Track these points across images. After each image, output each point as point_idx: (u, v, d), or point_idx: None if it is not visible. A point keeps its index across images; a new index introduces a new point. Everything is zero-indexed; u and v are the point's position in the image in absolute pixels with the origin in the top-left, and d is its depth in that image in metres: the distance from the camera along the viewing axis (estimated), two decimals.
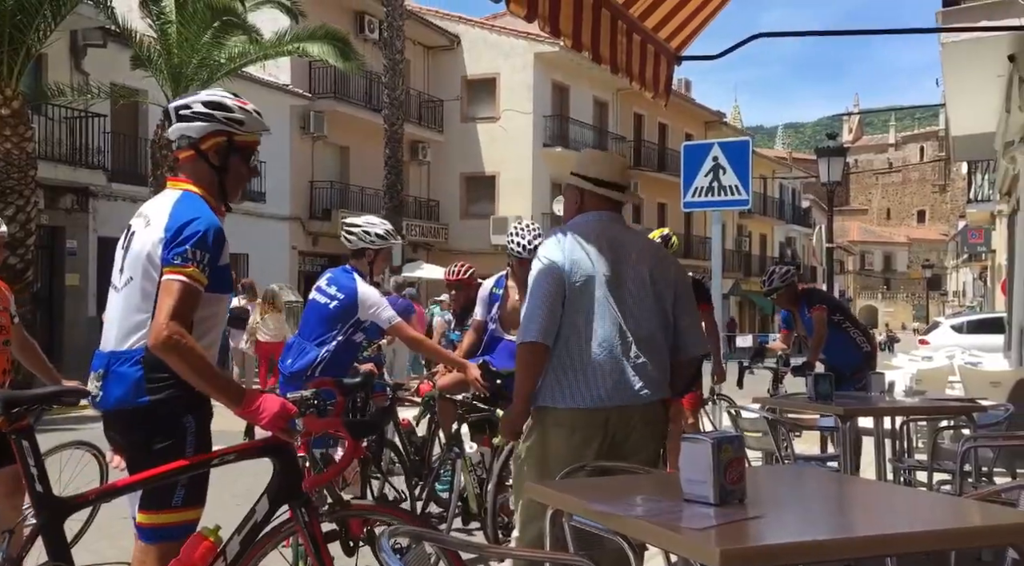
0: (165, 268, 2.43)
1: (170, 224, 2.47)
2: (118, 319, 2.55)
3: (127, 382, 2.47)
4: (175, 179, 2.67)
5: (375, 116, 21.93)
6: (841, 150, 14.82)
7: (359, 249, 4.42)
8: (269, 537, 2.73)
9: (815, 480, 2.70)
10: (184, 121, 2.59)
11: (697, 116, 36.67)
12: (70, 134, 16.20)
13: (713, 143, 7.70)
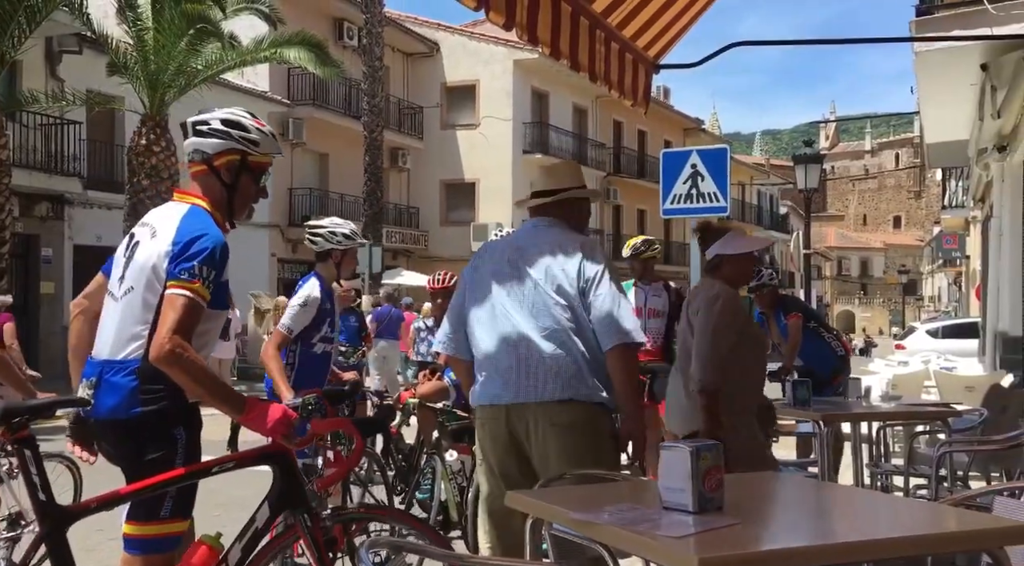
0: (170, 282, 2.43)
1: (178, 238, 2.48)
2: (115, 328, 2.54)
3: (121, 392, 2.47)
4: (183, 192, 2.68)
5: (355, 123, 21.88)
6: (818, 157, 14.98)
7: (325, 251, 4.32)
8: (272, 545, 2.73)
9: (793, 487, 2.71)
10: (200, 136, 2.61)
11: (676, 123, 36.89)
12: (45, 141, 16.02)
13: (691, 151, 7.74)
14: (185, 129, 2.65)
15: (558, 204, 3.20)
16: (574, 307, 2.95)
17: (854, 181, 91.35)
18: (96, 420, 2.55)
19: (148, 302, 2.49)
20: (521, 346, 2.95)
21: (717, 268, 3.67)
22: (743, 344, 3.53)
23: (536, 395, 2.93)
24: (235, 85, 20.13)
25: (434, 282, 5.76)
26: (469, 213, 27.48)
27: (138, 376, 2.47)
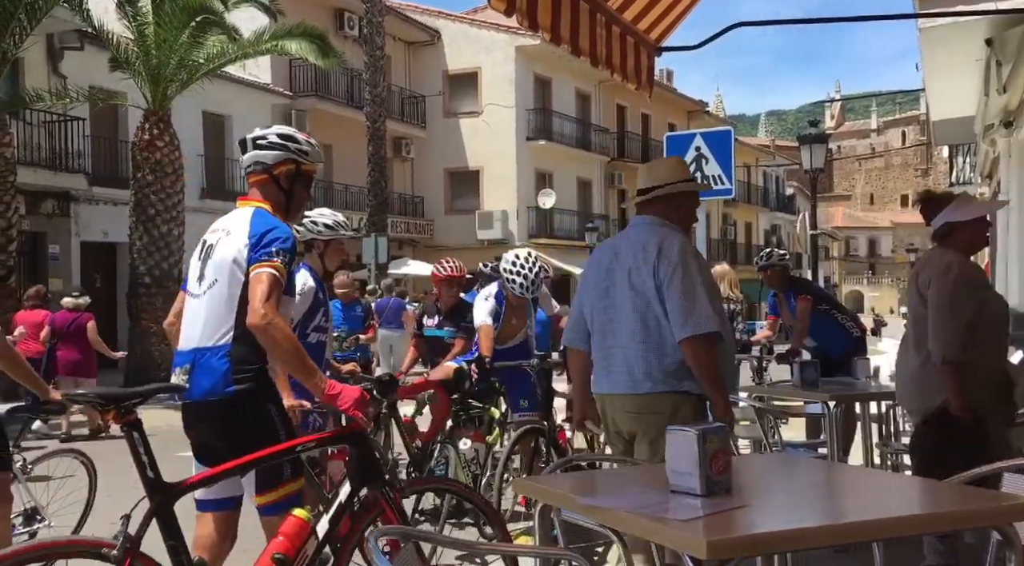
0: (252, 266, 2.73)
1: (252, 232, 2.80)
2: (203, 319, 2.81)
3: (215, 374, 2.74)
4: (245, 198, 3.01)
5: (357, 113, 21.84)
6: (823, 137, 14.87)
7: (307, 241, 4.30)
8: (360, 518, 2.93)
9: (801, 468, 2.72)
10: (260, 149, 2.97)
11: (680, 106, 36.72)
12: (49, 138, 16.04)
13: (695, 133, 7.69)
14: (245, 145, 2.99)
15: (656, 201, 3.32)
16: (652, 304, 3.13)
17: (860, 160, 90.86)
18: (192, 402, 2.80)
19: (232, 293, 2.77)
20: (614, 341, 3.21)
21: (947, 236, 3.65)
22: (982, 312, 3.48)
23: (623, 387, 3.17)
24: (237, 78, 20.12)
25: (451, 270, 5.69)
26: (474, 201, 27.46)
27: (230, 359, 2.74)
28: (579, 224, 28.89)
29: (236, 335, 2.75)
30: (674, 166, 3.51)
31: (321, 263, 4.29)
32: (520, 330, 5.40)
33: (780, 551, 2.24)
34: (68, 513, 4.54)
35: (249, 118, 21.21)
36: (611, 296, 3.24)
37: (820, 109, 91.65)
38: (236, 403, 2.74)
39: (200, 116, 19.43)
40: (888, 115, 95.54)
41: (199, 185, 19.37)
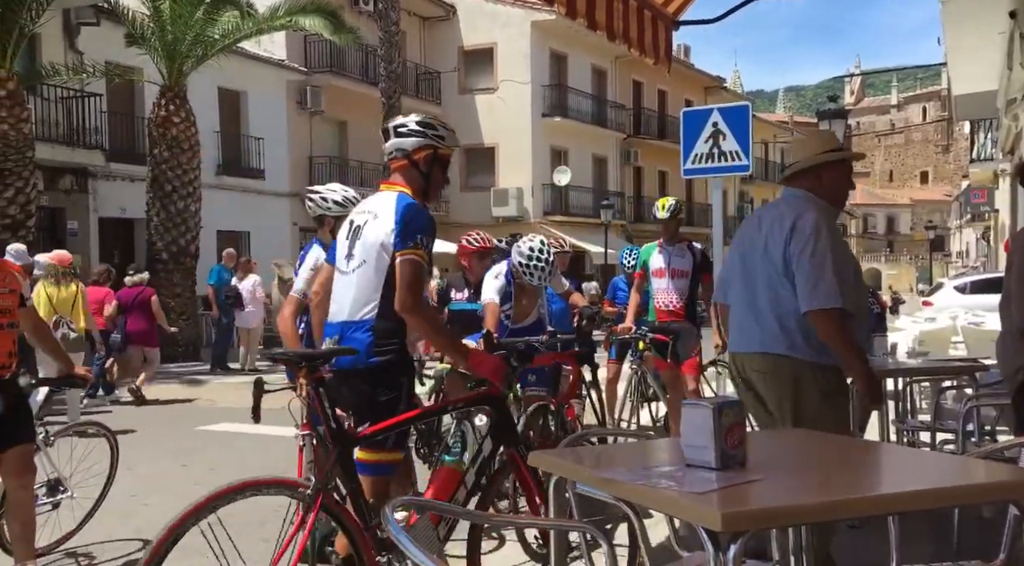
0: (398, 252, 2.98)
1: (398, 218, 3.02)
2: (351, 295, 3.09)
3: (360, 346, 3.02)
4: (388, 183, 3.23)
5: (372, 90, 21.77)
6: (842, 112, 14.70)
7: (318, 216, 4.28)
8: (500, 473, 3.35)
9: (817, 443, 2.71)
10: (400, 137, 3.19)
11: (697, 82, 36.37)
12: (67, 114, 16.11)
13: (712, 109, 7.61)
14: (387, 133, 3.23)
15: (802, 174, 3.39)
16: (781, 274, 3.23)
17: (880, 136, 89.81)
18: (339, 370, 3.06)
19: (378, 273, 3.03)
20: (745, 305, 3.38)
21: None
22: None
23: (746, 346, 3.36)
24: (252, 54, 20.09)
25: (473, 243, 5.69)
26: (489, 178, 27.39)
27: (373, 332, 3.01)
28: (594, 201, 28.79)
29: (380, 312, 3.02)
30: (820, 139, 3.56)
31: (332, 239, 4.29)
32: (532, 310, 5.41)
33: (795, 524, 2.24)
34: (90, 485, 4.61)
35: (264, 94, 21.24)
36: (748, 262, 3.37)
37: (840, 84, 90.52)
38: (377, 373, 3.02)
39: (216, 92, 19.43)
40: (909, 90, 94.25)
41: (215, 162, 19.42)
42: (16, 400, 3.77)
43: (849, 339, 3.14)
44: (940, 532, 3.82)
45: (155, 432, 8.39)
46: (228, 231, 19.20)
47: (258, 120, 21.05)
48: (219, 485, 2.86)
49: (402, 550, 1.64)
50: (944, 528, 3.80)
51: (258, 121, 21.06)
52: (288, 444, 4.60)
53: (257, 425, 4.49)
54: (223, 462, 6.87)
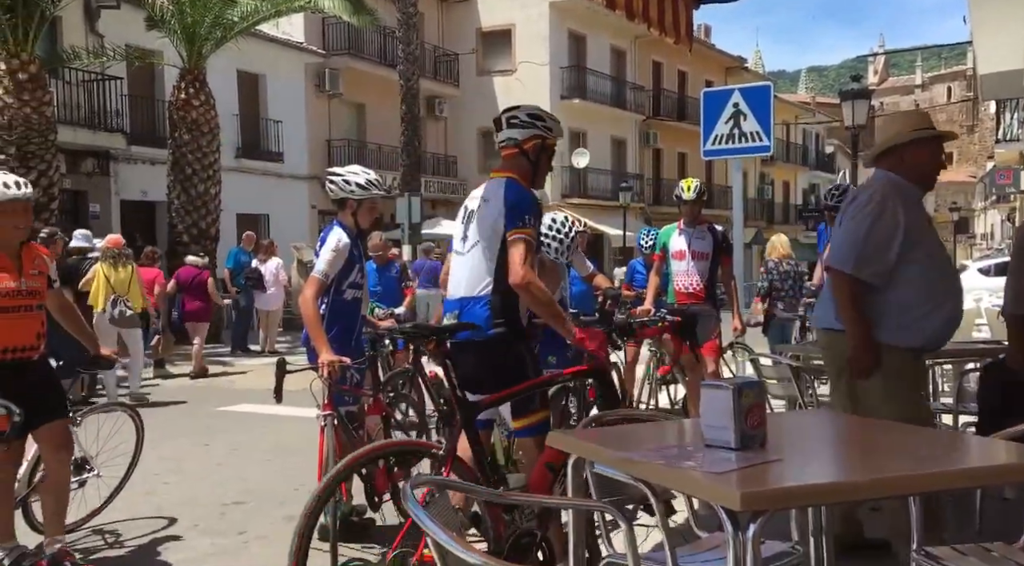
0: (510, 232, 3.23)
1: (508, 202, 3.29)
2: (468, 273, 3.37)
3: (478, 319, 3.28)
4: (498, 171, 3.47)
5: (390, 72, 21.74)
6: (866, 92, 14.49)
7: (340, 200, 4.26)
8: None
9: (837, 424, 2.70)
10: (512, 127, 3.43)
11: (717, 62, 36.00)
12: (88, 97, 16.21)
13: (733, 89, 7.55)
14: (499, 123, 3.46)
15: (886, 154, 3.47)
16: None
17: None
18: (460, 342, 3.29)
19: (492, 252, 3.30)
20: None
21: None
22: None
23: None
24: (271, 36, 20.09)
25: None
26: None
27: (490, 306, 3.28)
28: (613, 184, 28.65)
29: (495, 287, 3.29)
30: (905, 119, 3.64)
31: (354, 221, 4.27)
32: (554, 291, 5.35)
33: (815, 504, 2.23)
34: (116, 464, 4.67)
35: (283, 77, 21.26)
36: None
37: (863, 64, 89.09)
38: (494, 344, 3.28)
39: (235, 75, 19.48)
40: (933, 70, 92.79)
41: (234, 145, 19.49)
42: (47, 379, 3.85)
43: (849, 304, 3.28)
44: (962, 514, 3.80)
45: (177, 412, 8.49)
46: (247, 214, 19.29)
47: (277, 103, 21.09)
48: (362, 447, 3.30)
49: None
50: (966, 510, 3.78)
51: (277, 104, 21.09)
52: (310, 424, 4.64)
53: (278, 406, 4.55)
54: (244, 442, 6.94)
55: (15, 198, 3.65)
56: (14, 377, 3.65)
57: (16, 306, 3.69)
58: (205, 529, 4.67)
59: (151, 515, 4.87)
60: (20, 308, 3.70)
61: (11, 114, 12.40)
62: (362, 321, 4.42)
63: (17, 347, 3.70)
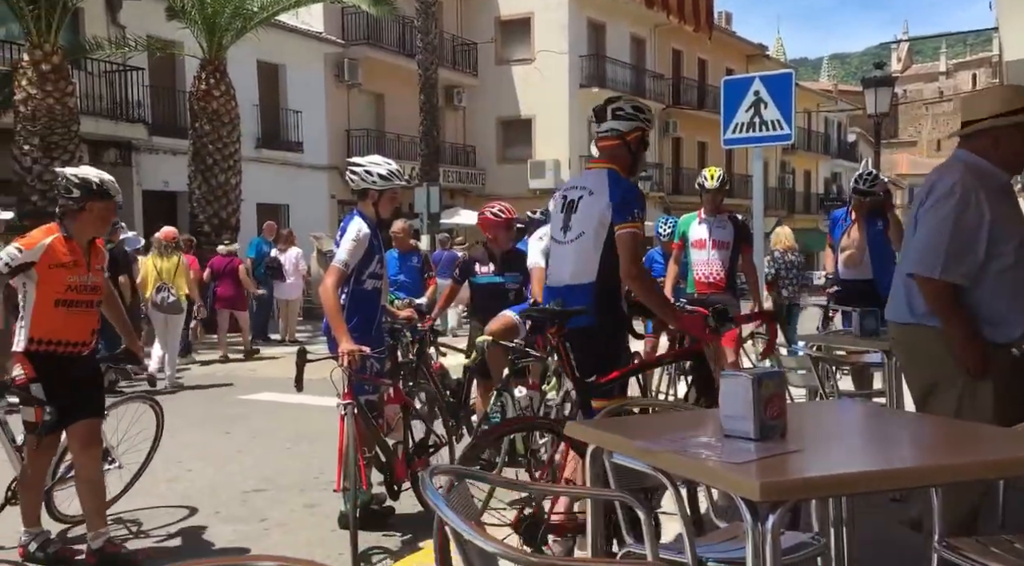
0: (619, 224, 3.35)
1: (613, 195, 3.38)
2: (571, 263, 3.48)
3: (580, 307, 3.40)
4: (597, 161, 3.59)
5: (409, 62, 21.73)
6: (889, 80, 14.34)
7: (362, 190, 4.27)
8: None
9: (858, 414, 2.68)
10: (617, 118, 3.52)
11: (738, 50, 35.68)
12: (110, 88, 16.33)
13: (754, 77, 7.47)
14: (602, 114, 3.54)
15: (977, 135, 3.15)
16: (911, 237, 3.21)
17: (928, 105, 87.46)
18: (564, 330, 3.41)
19: (596, 242, 3.40)
20: (898, 270, 3.36)
21: None
22: None
23: (892, 314, 3.36)
24: (291, 26, 20.12)
25: (500, 215, 5.61)
26: (526, 150, 27.25)
27: (593, 295, 3.39)
28: None
29: (597, 277, 3.40)
30: (1004, 96, 3.18)
31: (375, 211, 4.28)
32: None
33: (835, 495, 2.22)
34: (138, 450, 4.73)
35: (302, 67, 21.30)
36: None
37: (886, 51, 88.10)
38: (596, 331, 3.40)
39: (255, 65, 19.55)
40: (958, 57, 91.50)
41: (254, 135, 19.58)
42: (94, 376, 3.88)
43: (948, 310, 3.00)
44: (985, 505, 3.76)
45: (198, 401, 8.58)
46: (267, 204, 19.39)
47: (296, 93, 21.15)
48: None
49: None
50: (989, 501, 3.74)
51: (296, 94, 21.15)
52: (330, 413, 4.67)
53: (298, 394, 4.58)
54: (265, 430, 7.00)
55: (109, 199, 3.82)
56: (61, 371, 3.68)
57: (79, 301, 3.74)
58: (227, 516, 4.71)
59: (174, 502, 4.93)
60: (82, 303, 3.75)
61: (35, 105, 12.53)
62: (382, 311, 4.44)
63: (72, 341, 3.73)
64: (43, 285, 3.67)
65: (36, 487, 3.88)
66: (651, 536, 2.21)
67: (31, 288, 3.68)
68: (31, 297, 3.68)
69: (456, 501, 2.24)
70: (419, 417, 4.80)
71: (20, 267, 3.63)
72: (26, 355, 3.67)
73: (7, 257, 3.62)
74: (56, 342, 3.69)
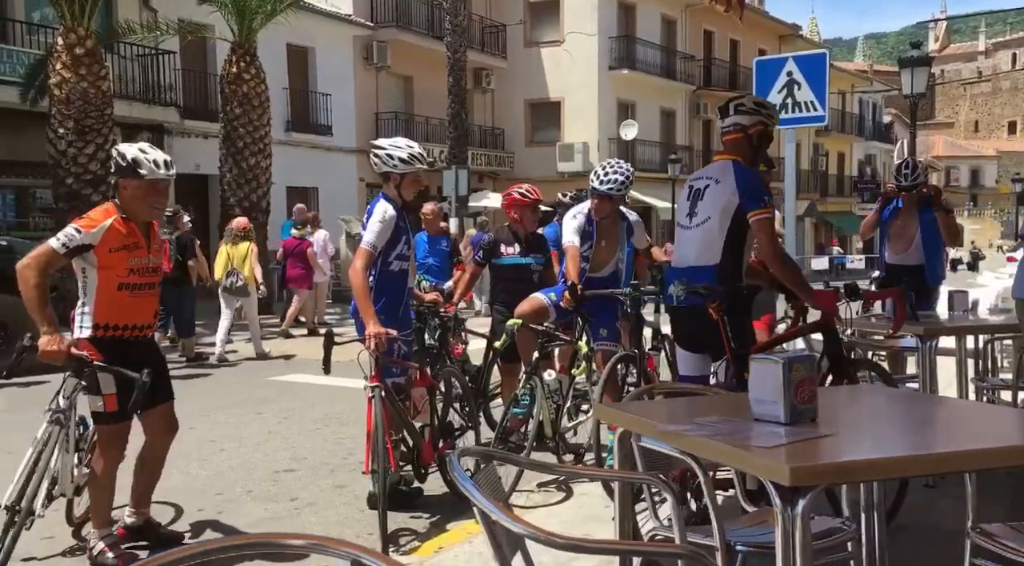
0: (753, 212, 3.52)
1: (742, 184, 3.58)
2: (696, 246, 3.68)
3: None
4: (722, 154, 3.78)
5: (438, 44, 21.68)
6: (926, 59, 14.04)
7: (385, 173, 4.25)
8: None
9: (891, 399, 2.64)
10: (740, 113, 3.70)
11: (771, 30, 35.13)
12: (142, 72, 16.49)
13: (787, 57, 7.36)
14: (726, 110, 3.73)
15: None
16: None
17: (966, 85, 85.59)
18: (683, 307, 3.66)
19: (721, 227, 3.59)
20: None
21: None
22: None
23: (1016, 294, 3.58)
24: (320, 9, 20.15)
25: (528, 195, 5.56)
26: (554, 133, 27.11)
27: (715, 276, 3.57)
28: (661, 156, 28.28)
29: (721, 259, 3.58)
30: None
31: (398, 194, 4.28)
32: (612, 257, 5.22)
33: (866, 480, 2.20)
34: None
35: (331, 50, 21.34)
36: None
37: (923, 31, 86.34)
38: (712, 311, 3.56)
39: (284, 49, 19.61)
40: (997, 36, 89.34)
41: (284, 118, 19.68)
42: (157, 359, 3.74)
43: None
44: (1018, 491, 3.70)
45: (230, 382, 8.69)
46: (297, 187, 19.51)
47: (325, 76, 21.19)
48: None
49: None
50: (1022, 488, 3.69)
51: (325, 77, 21.20)
52: (358, 395, 4.70)
53: (327, 376, 4.62)
54: (295, 411, 7.08)
55: (164, 178, 3.61)
56: (127, 355, 3.53)
57: (141, 283, 3.60)
58: (258, 495, 4.78)
59: (207, 482, 5.00)
60: (144, 286, 3.62)
61: (69, 88, 12.68)
62: (409, 293, 4.44)
63: (136, 325, 3.61)
64: (105, 269, 3.50)
65: (107, 484, 3.63)
66: (679, 519, 2.20)
67: (92, 273, 3.51)
68: (93, 282, 3.52)
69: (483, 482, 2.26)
70: (446, 401, 4.81)
71: (78, 249, 3.44)
72: (91, 341, 3.51)
73: (64, 238, 3.43)
74: (122, 327, 3.56)
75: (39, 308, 3.39)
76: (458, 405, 5.30)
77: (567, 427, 5.09)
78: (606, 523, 3.73)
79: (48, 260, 3.42)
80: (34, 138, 13.43)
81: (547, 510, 4.23)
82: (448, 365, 5.18)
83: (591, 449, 4.54)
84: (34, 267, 3.40)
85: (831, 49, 30.56)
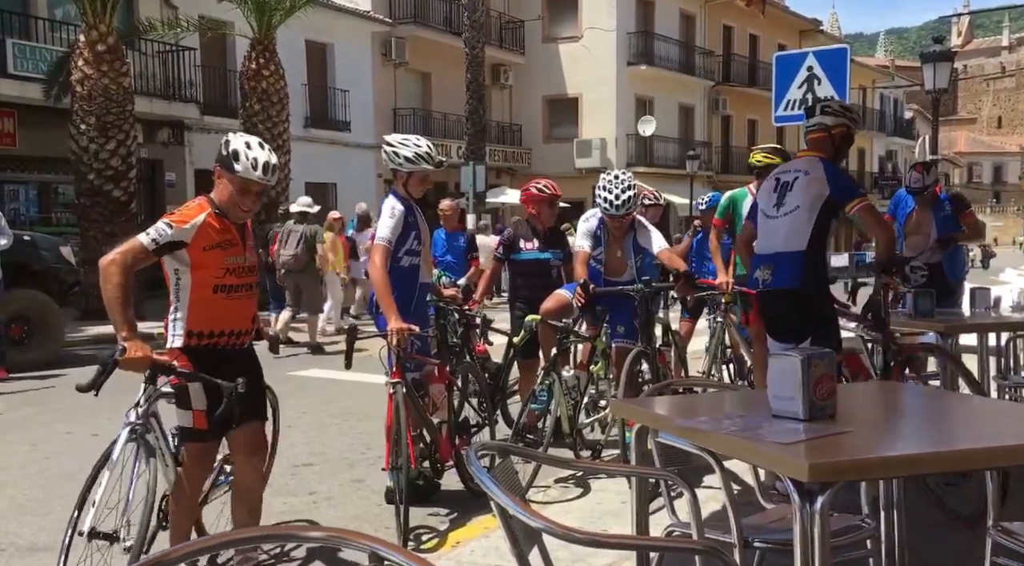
0: (850, 204, 3.78)
1: (832, 178, 3.82)
2: (783, 233, 3.89)
3: (791, 270, 3.85)
4: (805, 152, 4.04)
5: (456, 40, 21.69)
6: (948, 54, 13.85)
7: (394, 169, 4.27)
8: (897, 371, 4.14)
9: (911, 396, 2.63)
10: (826, 114, 3.97)
11: (791, 25, 34.88)
12: (163, 68, 16.62)
13: (808, 52, 7.31)
14: (813, 110, 4.03)
15: None
16: None
17: (989, 80, 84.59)
18: (771, 290, 3.89)
19: (810, 216, 3.81)
20: None
21: None
22: None
23: None
24: (338, 5, 20.21)
25: (545, 190, 5.55)
26: (572, 129, 27.06)
27: (802, 262, 3.81)
28: (680, 152, 28.16)
29: (808, 246, 3.80)
30: None
31: (406, 191, 4.30)
32: (625, 266, 5.22)
33: (885, 477, 2.19)
34: None
35: (350, 46, 21.40)
36: None
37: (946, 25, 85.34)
38: (800, 293, 3.83)
39: (303, 45, 19.69)
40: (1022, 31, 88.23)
41: (302, 114, 19.76)
42: (253, 372, 3.35)
43: None
44: None
45: None
46: (315, 183, 19.59)
47: (344, 72, 21.26)
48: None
49: None
50: None
51: (344, 73, 21.26)
52: (377, 390, 4.73)
53: (347, 372, 4.64)
54: (315, 406, 7.12)
55: (257, 181, 3.21)
56: (218, 365, 3.11)
57: (239, 285, 3.21)
58: (277, 489, 4.81)
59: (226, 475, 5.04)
60: (242, 287, 3.23)
61: (91, 85, 12.79)
62: (422, 289, 4.44)
63: (233, 331, 3.22)
64: (198, 270, 3.11)
65: (190, 504, 3.31)
66: (696, 515, 2.20)
67: (184, 274, 3.13)
68: (186, 284, 3.13)
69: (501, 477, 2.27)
70: (462, 396, 4.82)
71: (169, 246, 3.06)
72: (184, 351, 3.13)
73: (155, 233, 3.05)
74: (218, 334, 3.18)
75: (120, 309, 2.96)
76: (475, 401, 5.31)
77: (584, 423, 5.09)
78: (623, 518, 3.73)
79: (136, 257, 3.02)
80: (57, 134, 13.56)
81: (563, 505, 4.24)
82: (465, 360, 5.19)
83: (608, 446, 4.54)
84: (120, 263, 2.98)
85: (852, 44, 30.27)
